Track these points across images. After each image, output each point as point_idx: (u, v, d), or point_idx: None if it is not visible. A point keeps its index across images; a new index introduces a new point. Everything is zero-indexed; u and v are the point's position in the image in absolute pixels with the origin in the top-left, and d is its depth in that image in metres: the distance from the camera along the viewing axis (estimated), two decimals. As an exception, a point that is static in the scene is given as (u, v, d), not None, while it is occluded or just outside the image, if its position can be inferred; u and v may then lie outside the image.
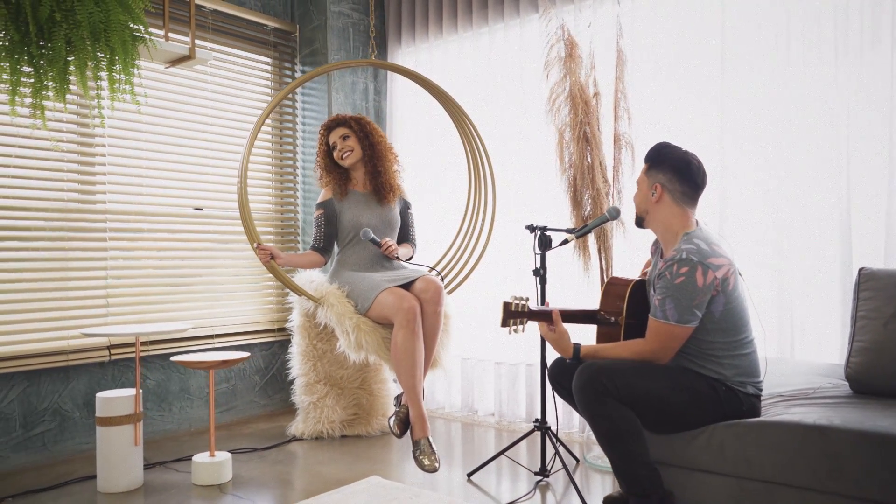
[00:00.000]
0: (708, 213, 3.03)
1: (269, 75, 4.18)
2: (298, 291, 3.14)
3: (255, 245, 3.04)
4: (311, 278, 3.30)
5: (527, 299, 2.15)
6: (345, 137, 3.32)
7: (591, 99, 2.94)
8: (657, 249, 2.32)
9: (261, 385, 4.02)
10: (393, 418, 2.91)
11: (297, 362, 3.50)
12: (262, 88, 4.09)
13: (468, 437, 3.56)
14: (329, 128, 3.37)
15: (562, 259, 3.25)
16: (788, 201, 2.88)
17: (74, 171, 3.28)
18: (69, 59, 2.70)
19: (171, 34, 3.53)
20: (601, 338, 2.35)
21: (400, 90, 4.28)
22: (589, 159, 2.90)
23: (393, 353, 2.87)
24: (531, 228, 2.78)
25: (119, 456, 2.72)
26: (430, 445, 2.84)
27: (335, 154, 3.32)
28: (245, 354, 2.94)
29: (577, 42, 2.99)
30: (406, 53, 4.28)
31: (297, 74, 4.27)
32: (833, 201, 2.78)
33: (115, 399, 2.73)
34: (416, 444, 2.85)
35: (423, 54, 4.18)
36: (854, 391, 2.29)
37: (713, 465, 2.04)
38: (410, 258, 3.41)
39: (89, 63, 2.79)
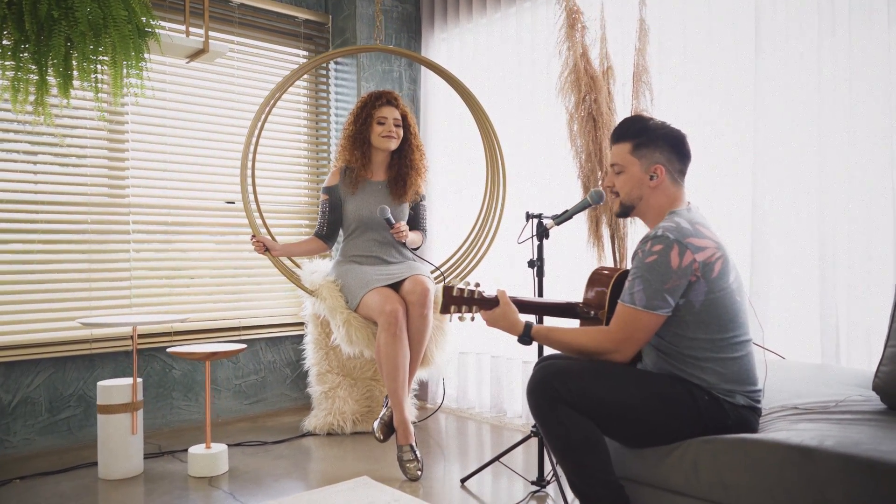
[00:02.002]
0: (739, 208, 2.67)
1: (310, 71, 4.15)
2: (294, 282, 3.08)
3: (251, 238, 3.01)
4: (315, 268, 3.22)
5: (477, 285, 1.94)
6: (398, 123, 3.07)
7: (600, 74, 2.66)
8: None
9: (292, 378, 4.02)
10: (378, 421, 2.79)
11: (311, 351, 3.45)
12: (298, 82, 4.07)
13: (484, 438, 3.36)
14: (382, 102, 3.06)
15: (574, 250, 2.99)
16: (834, 196, 2.47)
17: (104, 165, 3.41)
18: (71, 54, 2.78)
19: (192, 29, 3.59)
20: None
21: (435, 78, 4.12)
22: (599, 141, 2.62)
23: (376, 355, 2.74)
24: (528, 216, 2.55)
25: (117, 444, 2.77)
26: (413, 451, 2.69)
27: (379, 130, 3.02)
28: (240, 346, 2.91)
29: (582, 10, 2.72)
30: (440, 40, 4.13)
31: (332, 67, 4.22)
32: (888, 195, 2.35)
33: (114, 388, 2.78)
34: (399, 449, 2.71)
35: (455, 41, 4.01)
36: (887, 406, 1.91)
37: (686, 487, 1.75)
38: (418, 248, 3.24)
39: (92, 59, 2.87)
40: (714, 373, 1.79)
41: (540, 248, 2.53)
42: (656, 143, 1.88)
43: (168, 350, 2.86)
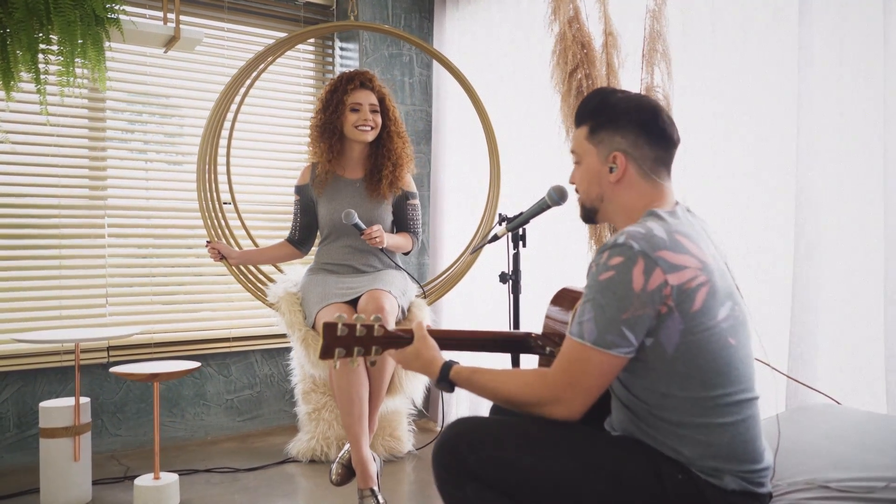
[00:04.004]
0: (780, 209, 2.09)
1: (311, 56, 3.83)
2: (254, 294, 2.73)
3: (206, 243, 2.68)
4: (294, 279, 2.86)
5: (377, 319, 1.47)
6: (374, 109, 2.63)
7: (598, 44, 2.14)
8: None
9: (291, 393, 3.70)
10: (335, 462, 2.39)
11: (296, 367, 3.10)
12: (305, 72, 3.74)
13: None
14: (355, 85, 2.62)
15: (574, 259, 2.48)
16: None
17: (84, 165, 3.20)
18: (8, 44, 2.55)
19: (178, 16, 3.31)
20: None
21: (455, 61, 3.67)
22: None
23: (329, 384, 2.34)
24: (501, 219, 2.08)
25: (59, 471, 2.52)
26: (375, 497, 2.27)
27: (353, 119, 2.59)
28: (194, 364, 2.59)
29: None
30: (455, 20, 3.67)
31: (338, 53, 3.86)
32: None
33: (55, 409, 2.53)
34: (359, 494, 2.30)
35: (468, 21, 3.55)
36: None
37: None
38: (409, 252, 2.82)
39: (37, 49, 2.64)
40: (695, 443, 1.28)
41: (516, 257, 2.05)
42: (616, 122, 1.39)
43: (111, 370, 2.59)
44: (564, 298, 1.62)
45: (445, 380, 1.43)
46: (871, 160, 1.94)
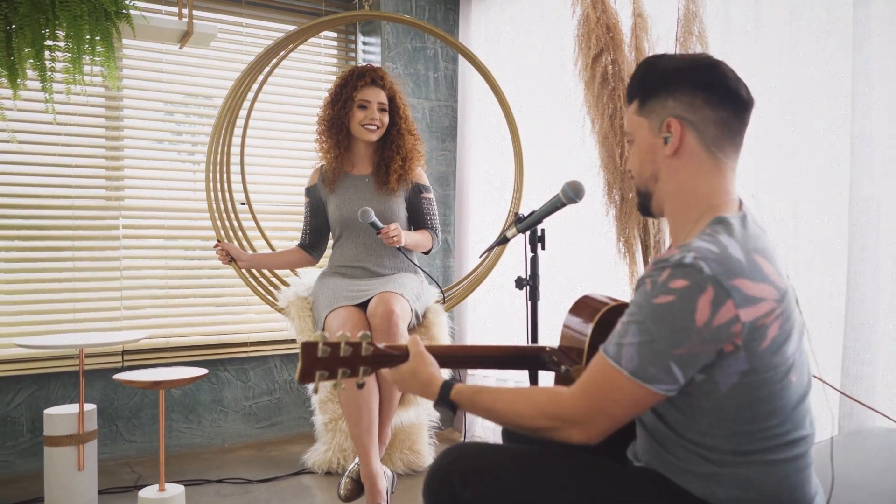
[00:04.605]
0: (830, 218, 1.86)
1: (334, 51, 3.71)
2: (263, 298, 2.61)
3: (214, 245, 2.57)
4: (307, 283, 2.73)
5: (364, 338, 1.30)
6: (383, 108, 2.52)
7: (627, 26, 1.95)
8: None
9: (311, 400, 3.58)
10: (345, 476, 2.25)
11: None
12: (326, 67, 3.62)
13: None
14: (365, 82, 2.50)
15: (602, 263, 2.28)
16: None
17: (101, 165, 3.14)
18: (13, 40, 2.48)
19: (193, 11, 3.22)
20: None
21: (481, 54, 3.51)
22: (616, 108, 1.92)
23: (338, 395, 2.20)
24: (518, 219, 1.91)
25: (64, 480, 2.43)
26: (384, 515, 2.12)
27: (360, 116, 2.49)
28: (200, 372, 2.48)
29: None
30: (480, 10, 3.50)
31: (360, 48, 3.73)
32: None
33: (59, 417, 2.44)
34: (367, 511, 2.15)
35: (494, 12, 3.37)
36: None
37: None
38: (429, 251, 2.66)
39: (44, 45, 2.56)
40: (732, 484, 1.08)
41: (534, 261, 1.87)
42: (667, 85, 1.15)
43: (114, 377, 2.49)
44: (584, 308, 1.43)
45: (446, 401, 1.26)
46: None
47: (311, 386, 1.22)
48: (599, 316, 1.29)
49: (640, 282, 1.09)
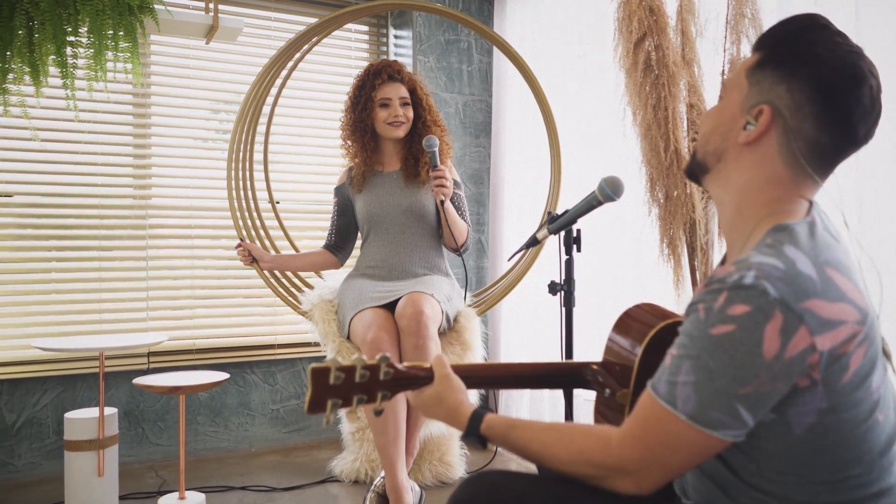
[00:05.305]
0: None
1: (365, 45, 3.60)
2: (286, 301, 2.51)
3: (236, 245, 2.48)
4: (332, 285, 2.62)
5: (383, 360, 1.13)
6: (405, 102, 2.44)
7: (664, 3, 1.78)
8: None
9: (340, 404, 3.48)
10: (370, 491, 2.13)
11: (337, 384, 2.86)
12: (357, 62, 3.52)
13: None
14: (382, 79, 2.43)
15: (645, 268, 2.11)
16: None
17: (128, 164, 3.09)
18: (35, 35, 2.43)
19: (226, 6, 3.15)
20: (600, 415, 1.31)
21: (516, 46, 3.35)
22: (660, 97, 1.75)
23: None
24: (551, 218, 1.76)
25: (83, 486, 2.37)
26: (409, 531, 1.99)
27: (384, 115, 2.42)
28: (221, 376, 2.40)
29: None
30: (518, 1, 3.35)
31: (392, 42, 3.62)
32: None
33: (79, 421, 2.38)
34: (391, 525, 2.03)
35: (532, 2, 3.22)
36: None
37: None
38: (463, 244, 2.48)
39: (66, 41, 2.51)
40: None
41: (569, 264, 1.73)
42: (795, 65, 0.95)
43: (134, 382, 2.42)
44: (633, 323, 1.26)
45: (475, 433, 1.11)
46: None
47: (324, 417, 1.09)
48: (651, 336, 1.14)
49: (690, 307, 0.92)
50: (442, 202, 2.27)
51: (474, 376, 1.24)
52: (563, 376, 1.33)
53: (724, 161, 1.01)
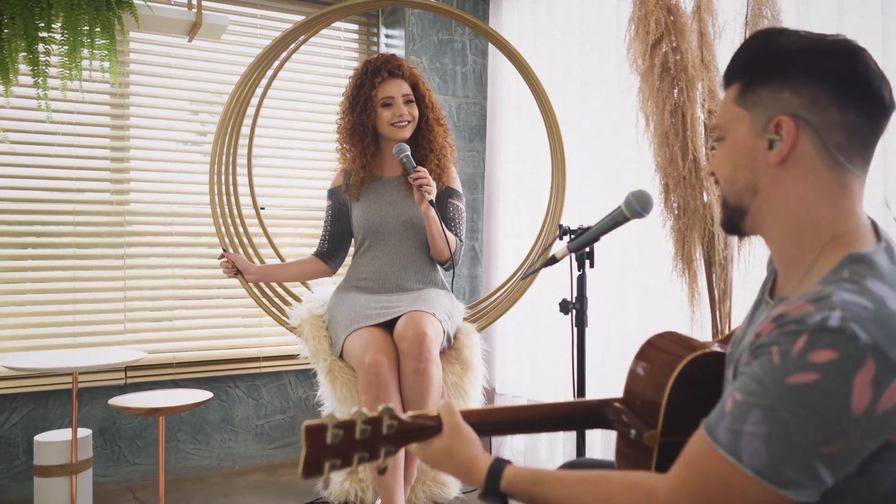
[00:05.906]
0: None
1: (355, 45, 3.47)
2: (273, 316, 2.36)
3: (219, 256, 2.34)
4: (321, 298, 2.48)
5: (385, 413, 0.97)
6: (409, 100, 2.26)
7: (689, 10, 1.67)
8: (770, 273, 1.06)
9: (329, 418, 3.34)
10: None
11: (326, 401, 2.72)
12: (347, 62, 3.38)
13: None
14: (383, 77, 2.23)
15: (657, 283, 2.00)
16: None
17: (106, 167, 2.93)
18: (4, 32, 2.27)
19: (211, 3, 3.00)
20: (623, 458, 1.18)
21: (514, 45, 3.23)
22: (677, 103, 1.64)
23: None
24: (563, 232, 1.64)
25: (54, 514, 2.22)
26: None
27: (387, 116, 2.23)
28: (205, 396, 2.25)
29: None
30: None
31: (383, 41, 3.48)
32: None
33: (49, 444, 2.23)
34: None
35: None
36: None
37: None
38: (449, 258, 2.26)
39: (39, 37, 2.35)
40: None
41: (581, 281, 1.61)
42: (784, 71, 0.87)
43: (109, 402, 2.27)
44: (655, 358, 1.13)
45: (494, 492, 0.97)
46: None
47: (320, 482, 0.94)
48: (679, 370, 1.02)
49: (759, 348, 0.79)
50: (431, 203, 2.10)
51: (487, 423, 1.11)
52: (583, 417, 1.20)
53: (761, 192, 0.91)
